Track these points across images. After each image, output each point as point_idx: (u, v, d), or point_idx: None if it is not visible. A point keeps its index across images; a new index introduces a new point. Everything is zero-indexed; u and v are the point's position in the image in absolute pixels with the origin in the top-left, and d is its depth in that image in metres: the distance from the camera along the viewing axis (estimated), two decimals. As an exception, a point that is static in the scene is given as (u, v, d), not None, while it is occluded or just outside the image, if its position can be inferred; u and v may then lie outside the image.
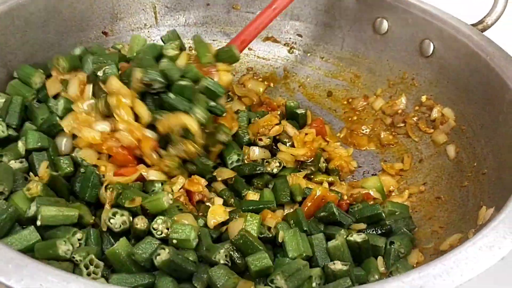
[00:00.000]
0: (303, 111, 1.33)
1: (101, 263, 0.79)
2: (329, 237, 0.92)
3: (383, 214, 1.03)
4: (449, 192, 1.12)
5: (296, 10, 1.48)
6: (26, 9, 1.18)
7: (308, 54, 1.51)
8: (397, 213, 1.06)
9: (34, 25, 1.21)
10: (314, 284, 0.81)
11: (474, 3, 1.35)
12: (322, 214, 0.98)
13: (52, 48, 1.26)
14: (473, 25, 1.24)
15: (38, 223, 0.80)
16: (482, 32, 1.22)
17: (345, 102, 1.44)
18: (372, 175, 1.25)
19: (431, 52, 1.27)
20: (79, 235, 0.82)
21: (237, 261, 0.83)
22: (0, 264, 0.58)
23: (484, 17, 1.25)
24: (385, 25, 1.36)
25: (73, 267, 0.77)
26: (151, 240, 0.81)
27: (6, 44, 1.15)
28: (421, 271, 0.62)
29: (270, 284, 0.78)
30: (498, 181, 0.97)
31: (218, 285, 0.75)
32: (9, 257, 0.59)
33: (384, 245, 0.94)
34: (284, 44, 1.52)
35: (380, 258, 0.92)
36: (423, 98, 1.29)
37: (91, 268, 0.77)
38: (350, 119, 1.40)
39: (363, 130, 1.37)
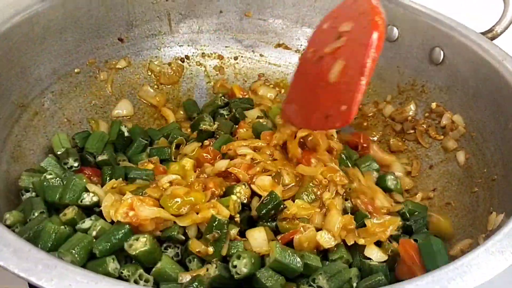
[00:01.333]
0: None
1: (150, 277, 0.82)
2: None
3: (406, 214, 1.05)
4: (459, 198, 1.14)
5: (307, 18, 1.50)
6: (45, 17, 1.21)
7: (319, 61, 1.53)
8: (416, 213, 1.07)
9: (52, 33, 1.24)
10: (354, 285, 0.84)
11: (484, 11, 1.37)
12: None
13: (70, 54, 1.30)
14: (482, 33, 1.26)
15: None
16: (491, 40, 1.24)
17: (356, 108, 1.46)
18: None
19: (441, 59, 1.29)
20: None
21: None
22: (30, 265, 0.60)
23: (494, 26, 1.27)
24: (395, 32, 1.38)
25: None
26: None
27: (26, 51, 1.18)
28: (435, 275, 0.64)
29: (312, 283, 0.82)
30: (508, 187, 0.99)
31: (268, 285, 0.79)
32: (38, 257, 0.61)
33: None
34: (295, 51, 1.54)
35: None
36: (433, 105, 1.31)
37: (141, 282, 0.81)
38: (360, 125, 1.42)
39: (373, 136, 1.39)
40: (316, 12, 1.49)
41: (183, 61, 1.50)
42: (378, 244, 0.92)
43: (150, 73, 1.46)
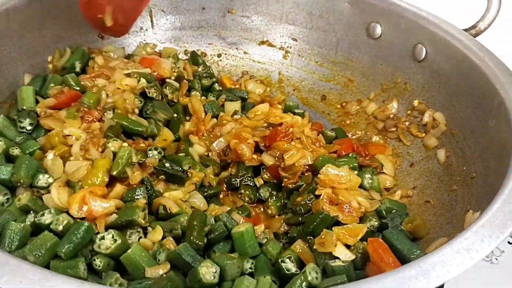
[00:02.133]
0: (301, 111, 1.34)
1: (125, 282, 0.82)
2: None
3: (383, 212, 1.04)
4: (438, 196, 1.12)
5: (291, 15, 1.49)
6: (22, 12, 1.20)
7: (303, 58, 1.52)
8: (394, 211, 1.06)
9: (30, 29, 1.23)
10: (309, 278, 0.82)
11: (467, 8, 1.35)
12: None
13: (49, 51, 1.29)
14: (465, 30, 1.24)
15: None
16: (475, 37, 1.23)
17: (339, 106, 1.45)
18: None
19: (423, 56, 1.28)
20: None
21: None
22: (-18, 261, 0.59)
23: (477, 22, 1.26)
24: (378, 30, 1.37)
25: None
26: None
27: (3, 47, 1.17)
28: (397, 273, 0.62)
29: None
30: (485, 185, 0.98)
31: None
32: (-10, 255, 0.60)
33: None
34: (279, 48, 1.53)
35: None
36: (415, 102, 1.29)
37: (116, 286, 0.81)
38: (343, 123, 1.41)
39: (356, 134, 1.38)
40: (300, 9, 1.47)
41: (166, 59, 1.49)
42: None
43: (131, 71, 1.45)
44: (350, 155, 1.17)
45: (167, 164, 1.05)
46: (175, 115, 1.22)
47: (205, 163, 1.12)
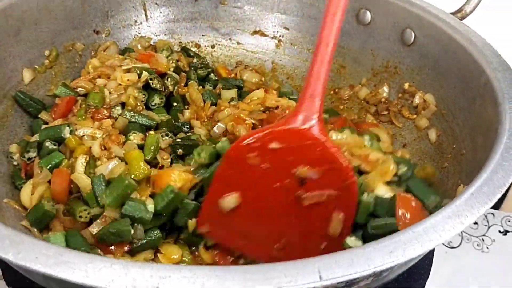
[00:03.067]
0: (296, 97, 1.38)
1: None
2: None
3: None
4: (430, 174, 1.16)
5: (282, 4, 1.52)
6: (19, 8, 1.22)
7: (295, 47, 1.55)
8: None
9: (27, 24, 1.24)
10: None
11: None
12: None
13: (46, 46, 1.31)
14: (452, 13, 1.28)
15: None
16: (461, 20, 1.27)
17: (332, 92, 1.48)
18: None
19: (412, 40, 1.31)
20: None
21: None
22: (-3, 239, 0.62)
23: (463, 6, 1.29)
24: (368, 16, 1.40)
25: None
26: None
27: (1, 43, 1.19)
28: (392, 238, 0.66)
29: None
30: (474, 161, 1.01)
31: None
32: (4, 234, 0.63)
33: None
34: (272, 38, 1.56)
35: None
36: (406, 86, 1.33)
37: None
38: (336, 108, 1.45)
39: (350, 118, 1.41)
40: (290, -2, 1.51)
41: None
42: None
43: (127, 63, 1.47)
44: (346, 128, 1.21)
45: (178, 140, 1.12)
46: (175, 104, 1.25)
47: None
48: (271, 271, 0.61)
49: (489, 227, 1.22)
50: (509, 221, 1.24)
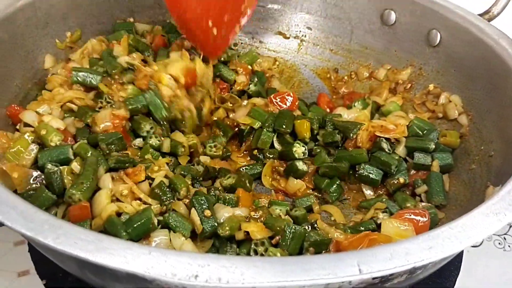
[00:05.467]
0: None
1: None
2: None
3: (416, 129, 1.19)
4: (456, 175, 1.15)
5: (306, 4, 1.52)
6: (47, 2, 1.23)
7: (318, 47, 1.54)
8: (425, 131, 1.19)
9: (55, 18, 1.25)
10: None
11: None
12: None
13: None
14: (479, 15, 1.27)
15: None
16: (488, 22, 1.26)
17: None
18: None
19: (438, 41, 1.31)
20: None
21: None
22: (36, 225, 0.62)
23: (491, 7, 1.29)
24: (393, 16, 1.40)
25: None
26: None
27: (29, 35, 1.20)
28: (431, 234, 0.65)
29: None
30: (505, 162, 1.00)
31: None
32: (43, 219, 0.63)
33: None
34: (294, 37, 1.56)
35: None
36: (431, 87, 1.32)
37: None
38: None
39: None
40: (314, -3, 1.51)
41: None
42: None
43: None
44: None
45: None
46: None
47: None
48: (310, 263, 0.60)
49: (511, 226, 1.20)
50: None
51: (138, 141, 1.07)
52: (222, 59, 1.34)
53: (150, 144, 1.06)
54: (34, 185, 0.86)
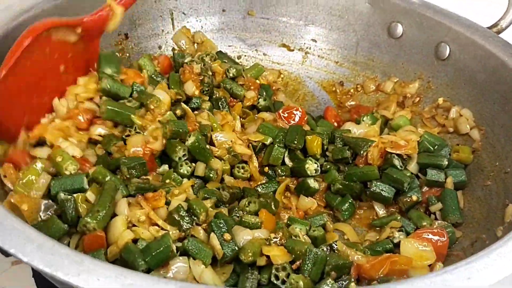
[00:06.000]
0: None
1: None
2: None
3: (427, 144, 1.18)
4: (470, 192, 1.14)
5: (311, 16, 1.50)
6: (50, 15, 1.16)
7: (323, 59, 1.53)
8: (436, 147, 1.18)
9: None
10: None
11: (488, 6, 1.38)
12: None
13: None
14: (487, 28, 1.26)
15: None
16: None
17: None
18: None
19: (447, 55, 1.30)
20: None
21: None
22: (55, 259, 0.58)
23: (499, 20, 1.28)
24: (400, 29, 1.39)
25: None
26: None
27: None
28: (467, 264, 0.63)
29: None
30: (523, 179, 0.99)
31: None
32: (63, 253, 0.59)
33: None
34: (299, 50, 1.54)
35: None
36: (440, 100, 1.31)
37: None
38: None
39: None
40: (319, 9, 1.49)
41: (185, 61, 1.48)
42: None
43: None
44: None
45: None
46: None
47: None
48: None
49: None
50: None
51: (162, 169, 1.02)
52: (231, 75, 1.31)
53: (179, 172, 1.01)
54: (45, 216, 0.81)
